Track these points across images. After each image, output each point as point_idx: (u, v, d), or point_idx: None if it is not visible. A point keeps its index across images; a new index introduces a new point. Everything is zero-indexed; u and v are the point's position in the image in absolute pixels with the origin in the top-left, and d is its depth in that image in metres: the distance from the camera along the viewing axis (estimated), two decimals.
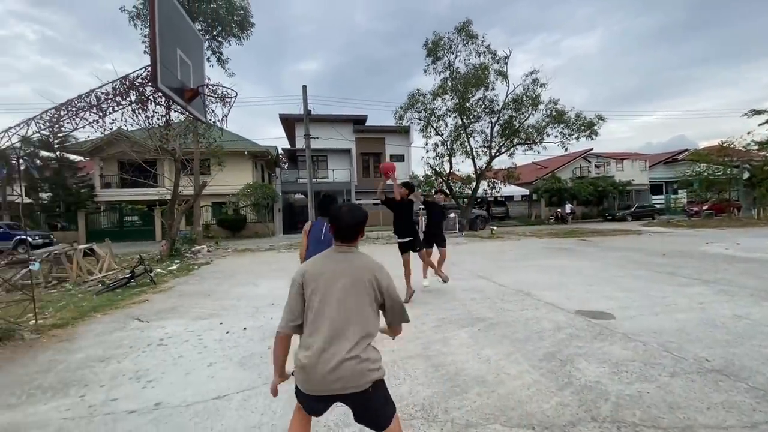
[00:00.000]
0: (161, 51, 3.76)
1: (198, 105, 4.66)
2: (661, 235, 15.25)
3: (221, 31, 14.36)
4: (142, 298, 6.36)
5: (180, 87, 4.20)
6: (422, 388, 2.76)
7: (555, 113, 18.41)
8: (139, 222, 22.19)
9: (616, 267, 7.87)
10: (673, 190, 33.16)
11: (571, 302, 5.08)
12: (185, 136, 13.12)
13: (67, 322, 4.92)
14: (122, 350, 3.84)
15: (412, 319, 4.43)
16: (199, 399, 2.74)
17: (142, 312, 5.40)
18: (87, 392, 2.92)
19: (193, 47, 4.68)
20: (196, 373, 3.20)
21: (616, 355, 3.29)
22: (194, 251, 12.84)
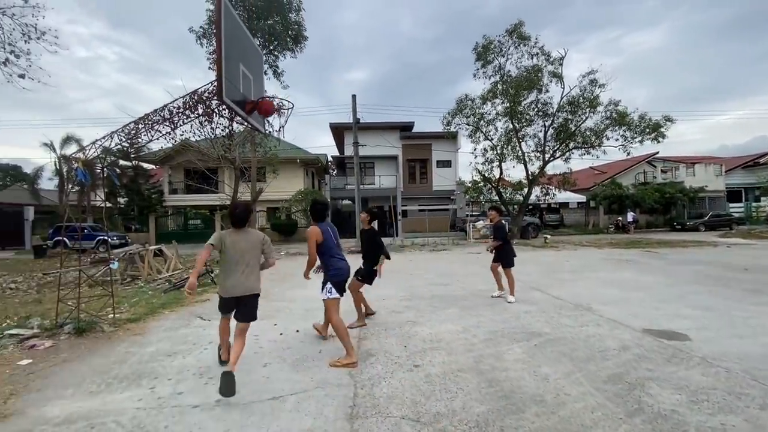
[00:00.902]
0: (226, 66, 4.02)
1: (257, 116, 4.93)
2: (741, 247, 13.66)
3: (277, 46, 15.12)
4: (204, 297, 6.79)
5: (242, 99, 4.46)
6: (476, 403, 2.66)
7: (616, 115, 17.24)
8: (201, 225, 23.84)
9: (688, 282, 7.16)
10: (754, 197, 29.58)
11: (638, 320, 4.68)
12: (243, 145, 13.93)
13: (140, 317, 5.37)
14: (187, 346, 4.11)
15: (462, 330, 4.38)
16: (256, 399, 2.85)
17: (204, 310, 5.75)
18: (157, 384, 3.15)
19: (253, 61, 4.97)
20: (253, 373, 3.34)
21: (695, 381, 2.97)
22: None
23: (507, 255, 6.20)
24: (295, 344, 4.07)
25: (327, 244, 3.78)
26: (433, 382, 3.03)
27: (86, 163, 4.60)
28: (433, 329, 4.48)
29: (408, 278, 8.40)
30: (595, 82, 17.36)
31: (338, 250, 3.89)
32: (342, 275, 3.75)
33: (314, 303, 5.75)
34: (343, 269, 3.77)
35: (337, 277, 3.71)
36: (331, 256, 3.77)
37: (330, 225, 4.00)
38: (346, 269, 3.81)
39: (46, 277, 9.73)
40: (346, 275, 3.80)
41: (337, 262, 3.76)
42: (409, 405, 2.66)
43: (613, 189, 25.64)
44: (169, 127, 4.75)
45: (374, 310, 5.24)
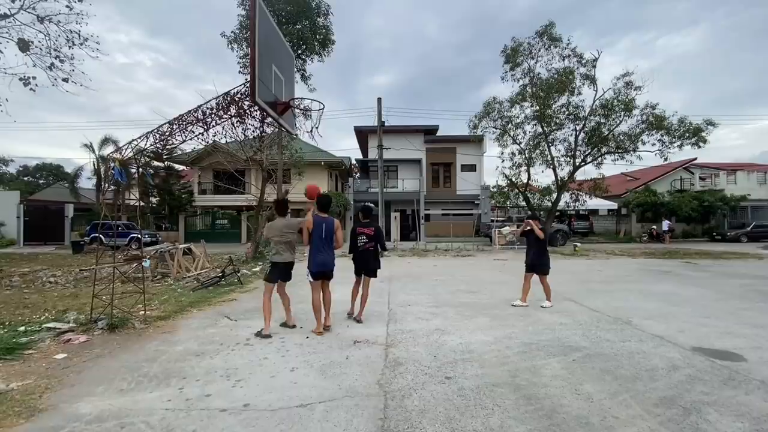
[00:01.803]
0: (259, 68, 4.02)
1: (289, 118, 4.93)
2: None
3: (305, 50, 15.29)
4: (231, 296, 6.85)
5: (273, 101, 4.47)
6: (514, 422, 2.49)
7: (653, 119, 16.48)
8: (228, 225, 24.42)
9: (736, 297, 6.68)
10: None
11: (685, 336, 4.36)
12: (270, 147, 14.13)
13: (169, 315, 5.44)
14: (214, 347, 4.11)
15: (494, 341, 4.19)
16: (284, 405, 2.78)
17: (231, 310, 5.79)
18: (185, 385, 3.14)
19: (285, 63, 4.98)
20: (280, 377, 3.28)
21: (756, 408, 2.69)
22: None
23: (546, 263, 6.17)
24: (321, 348, 3.99)
25: (314, 236, 4.42)
26: (467, 396, 2.87)
27: (122, 163, 4.71)
28: (463, 339, 4.31)
29: (434, 284, 8.22)
30: (630, 84, 16.67)
31: (324, 244, 4.47)
32: (317, 268, 4.43)
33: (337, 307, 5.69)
34: (320, 263, 4.44)
35: (314, 268, 4.44)
36: (314, 248, 4.44)
37: (328, 220, 4.53)
38: (323, 262, 4.46)
39: (83, 272, 10.13)
40: (321, 267, 4.45)
41: (316, 256, 4.45)
42: (443, 421, 2.52)
43: (647, 196, 24.51)
44: (203, 128, 4.81)
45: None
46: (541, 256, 6.16)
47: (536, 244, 6.21)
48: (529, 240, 6.35)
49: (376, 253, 5.24)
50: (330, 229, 4.55)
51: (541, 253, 6.18)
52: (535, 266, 6.13)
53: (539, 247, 6.20)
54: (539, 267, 6.11)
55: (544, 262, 6.15)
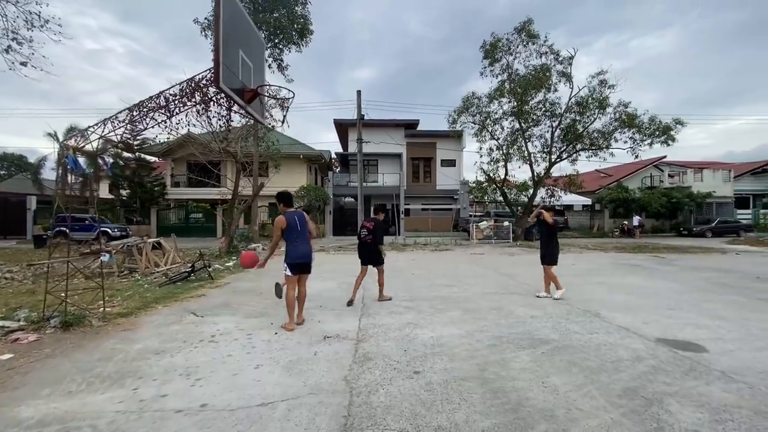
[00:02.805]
0: (224, 52, 3.82)
1: (257, 106, 4.73)
2: (750, 255, 13.36)
3: (282, 39, 14.91)
4: (200, 292, 6.62)
5: (240, 88, 4.27)
6: (480, 417, 2.46)
7: (625, 117, 16.95)
8: (203, 219, 23.73)
9: (700, 290, 6.92)
10: (762, 204, 29.17)
11: (650, 328, 4.46)
12: (246, 139, 13.75)
13: (131, 311, 5.19)
14: (176, 344, 3.92)
15: (466, 335, 4.16)
16: (244, 404, 2.66)
17: (199, 306, 5.58)
18: (140, 385, 2.97)
19: (254, 49, 4.77)
20: (243, 375, 3.15)
21: (716, 398, 2.75)
22: (250, 249, 13.37)
23: (556, 253, 6.32)
24: (290, 345, 3.87)
25: (289, 230, 4.39)
26: (434, 391, 2.82)
27: (78, 151, 4.42)
28: (435, 332, 4.28)
29: (410, 278, 8.19)
30: (604, 82, 17.09)
31: (300, 235, 4.45)
32: (297, 259, 4.41)
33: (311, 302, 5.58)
34: (300, 254, 4.43)
35: (293, 260, 4.39)
36: (291, 242, 4.41)
37: (298, 213, 4.56)
38: (304, 254, 4.46)
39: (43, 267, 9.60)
40: (301, 259, 4.44)
41: (296, 248, 4.42)
42: (408, 417, 2.45)
43: (619, 192, 25.28)
44: (165, 116, 4.56)
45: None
46: (548, 246, 6.28)
47: (546, 234, 6.37)
48: (541, 231, 6.53)
49: (376, 245, 5.66)
50: (302, 219, 4.51)
51: (548, 243, 6.31)
52: (543, 257, 6.29)
53: (548, 237, 6.34)
54: (547, 257, 6.26)
55: (552, 251, 6.24)
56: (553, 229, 6.35)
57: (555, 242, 6.34)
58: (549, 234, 6.33)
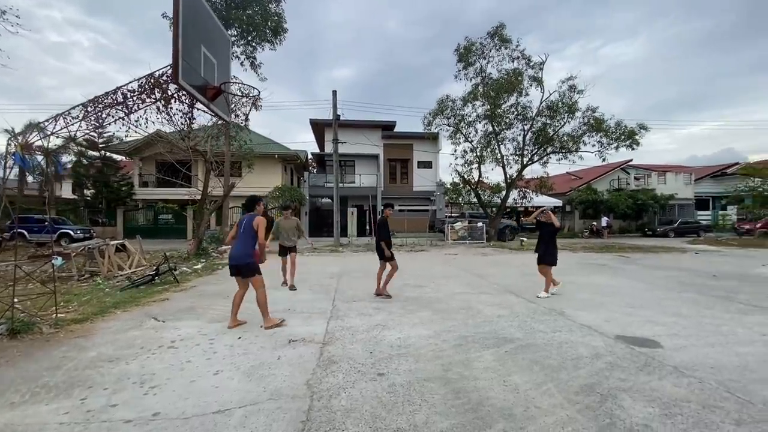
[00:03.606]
0: (184, 47, 3.69)
1: (222, 104, 4.60)
2: (709, 254, 14.09)
3: (255, 37, 14.64)
4: (164, 296, 6.38)
5: (203, 85, 4.14)
6: (440, 418, 2.46)
7: (593, 121, 17.57)
8: (172, 220, 22.96)
9: (660, 288, 7.22)
10: (721, 206, 30.87)
11: (611, 326, 4.60)
12: (217, 138, 13.39)
13: (87, 317, 4.94)
14: (133, 351, 3.75)
15: (433, 335, 4.18)
16: (199, 412, 2.56)
17: (161, 311, 5.37)
18: (89, 395, 2.81)
19: (218, 45, 4.63)
20: (201, 382, 3.04)
21: (667, 392, 2.85)
22: (220, 251, 13.01)
23: (554, 254, 6.46)
24: (253, 349, 3.77)
25: (238, 226, 4.52)
26: (396, 392, 2.80)
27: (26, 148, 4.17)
28: (403, 333, 4.27)
29: None
30: (574, 88, 17.65)
31: (239, 239, 4.46)
32: (230, 260, 4.50)
33: (278, 305, 5.50)
34: (230, 255, 4.55)
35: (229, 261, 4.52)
36: (239, 234, 4.49)
37: (247, 216, 4.55)
38: (231, 255, 4.52)
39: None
40: (230, 260, 4.51)
41: (232, 249, 4.54)
42: (368, 419, 2.43)
43: (588, 194, 26.19)
44: (123, 112, 4.37)
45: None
46: (548, 247, 6.42)
47: (547, 235, 6.51)
48: (541, 232, 6.66)
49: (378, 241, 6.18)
50: (247, 224, 4.48)
51: (548, 244, 6.44)
52: (542, 257, 6.42)
53: (549, 238, 6.48)
54: (546, 257, 6.40)
55: (551, 252, 6.40)
56: (556, 230, 6.53)
57: (554, 243, 6.50)
58: (551, 234, 6.49)
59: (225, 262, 11.05)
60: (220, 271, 9.49)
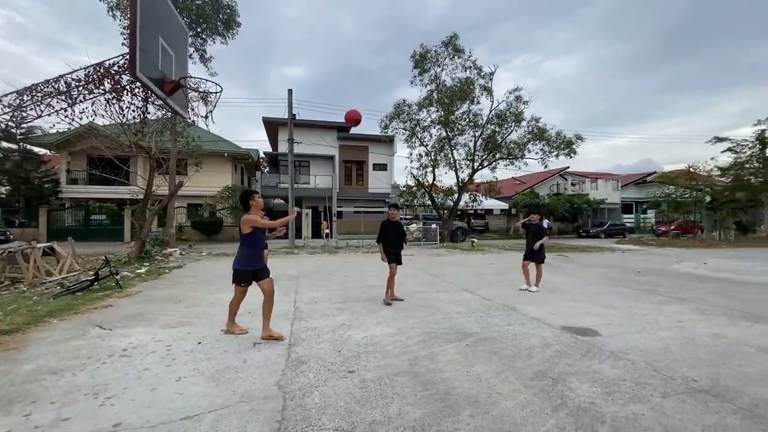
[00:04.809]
0: (142, 37, 3.50)
1: (179, 99, 4.39)
2: (633, 253, 15.70)
3: (206, 29, 13.99)
4: (106, 302, 5.91)
5: (160, 78, 3.93)
6: (412, 408, 2.58)
7: (536, 130, 18.86)
8: (107, 221, 21.10)
9: (595, 283, 7.96)
10: (642, 210, 34.51)
11: (557, 318, 5.03)
12: (162, 133, 12.58)
13: (18, 327, 4.46)
14: (79, 361, 3.47)
15: (397, 332, 4.31)
16: (165, 419, 2.46)
17: (105, 318, 4.98)
18: (34, 410, 2.58)
19: (176, 38, 4.43)
20: (163, 389, 2.90)
21: (607, 374, 3.21)
22: (166, 254, 12.23)
23: (542, 251, 7.07)
24: (215, 354, 3.65)
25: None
26: (368, 388, 2.89)
27: None
28: (368, 332, 4.36)
29: (343, 280, 8.21)
30: (520, 98, 18.84)
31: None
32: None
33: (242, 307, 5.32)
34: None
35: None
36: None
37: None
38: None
39: None
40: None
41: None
42: (344, 414, 2.49)
43: (531, 198, 28.03)
44: (66, 103, 4.03)
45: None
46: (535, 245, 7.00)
47: (535, 236, 7.10)
48: (528, 232, 7.27)
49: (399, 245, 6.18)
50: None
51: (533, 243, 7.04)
52: (530, 255, 7.06)
53: (536, 238, 7.06)
54: (534, 256, 7.02)
55: (539, 251, 7.02)
56: (542, 233, 7.19)
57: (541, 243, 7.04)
58: (538, 236, 7.09)
59: (171, 265, 10.43)
60: (167, 274, 8.95)
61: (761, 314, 5.28)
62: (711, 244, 20.14)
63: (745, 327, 4.66)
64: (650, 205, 31.25)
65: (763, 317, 5.12)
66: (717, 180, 25.28)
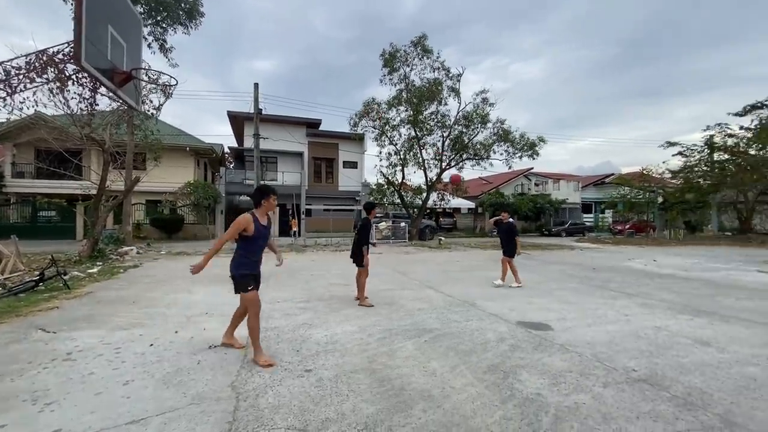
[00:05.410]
0: (89, 25, 3.32)
1: (131, 91, 4.19)
2: (591, 250, 16.52)
3: (166, 17, 13.38)
4: (51, 304, 5.57)
5: (109, 69, 3.74)
6: (366, 405, 2.62)
7: (501, 132, 19.42)
8: (57, 218, 19.79)
9: (553, 280, 8.32)
10: (600, 210, 36.38)
11: (514, 313, 5.23)
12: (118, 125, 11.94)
13: None
14: (18, 366, 3.27)
15: (358, 330, 4.34)
16: (109, 424, 2.36)
17: (49, 321, 4.70)
18: None
19: (129, 27, 4.22)
20: (108, 393, 2.79)
21: (555, 366, 3.38)
22: (121, 253, 11.64)
23: (514, 248, 7.48)
24: (168, 356, 3.54)
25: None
26: (324, 386, 2.90)
27: None
28: (329, 331, 4.36)
29: (308, 279, 8.14)
30: (486, 100, 19.32)
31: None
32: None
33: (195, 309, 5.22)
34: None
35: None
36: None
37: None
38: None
39: None
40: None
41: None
42: (297, 413, 2.49)
43: (497, 197, 28.88)
44: (5, 91, 3.76)
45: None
46: (508, 243, 7.46)
47: (503, 234, 7.55)
48: (500, 230, 7.68)
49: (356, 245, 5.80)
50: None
51: (508, 241, 7.47)
52: (505, 251, 7.46)
53: (504, 237, 7.53)
54: (507, 251, 7.43)
55: (511, 247, 7.43)
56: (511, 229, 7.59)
57: (511, 240, 7.46)
58: (506, 233, 7.52)
59: (126, 265, 9.95)
60: (122, 274, 8.53)
61: (701, 308, 5.71)
62: (662, 243, 21.53)
63: (686, 320, 5.01)
64: (608, 205, 33.00)
65: (703, 311, 5.53)
66: (669, 182, 27.04)
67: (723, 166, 23.64)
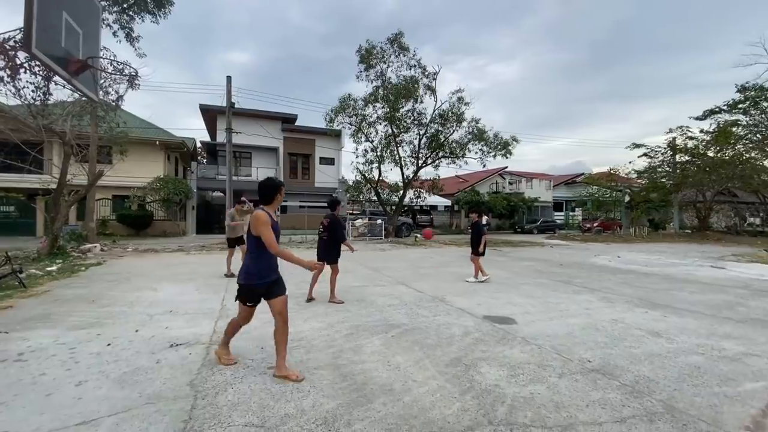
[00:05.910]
0: (40, 10, 3.16)
1: (88, 80, 4.02)
2: (560, 247, 17.07)
3: (133, 5, 12.84)
4: (5, 303, 5.29)
5: (64, 57, 3.57)
6: (327, 400, 2.63)
7: (476, 131, 19.70)
8: (15, 213, 18.76)
9: (521, 275, 8.56)
10: (571, 208, 37.64)
11: (480, 308, 5.36)
12: (80, 117, 11.39)
13: None
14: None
15: (326, 327, 4.35)
16: (59, 426, 2.29)
17: (1, 320, 4.47)
18: None
19: (86, 13, 4.03)
20: (59, 394, 2.69)
21: (515, 358, 3.50)
22: (83, 250, 11.15)
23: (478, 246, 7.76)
24: (126, 355, 3.44)
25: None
26: (285, 383, 2.90)
27: None
28: (296, 328, 4.32)
29: None
30: (462, 99, 19.54)
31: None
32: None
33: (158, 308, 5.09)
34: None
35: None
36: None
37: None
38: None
39: None
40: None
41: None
42: (256, 410, 2.48)
43: (472, 195, 29.37)
44: None
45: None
46: (474, 242, 7.83)
47: (473, 234, 7.96)
48: (472, 230, 8.08)
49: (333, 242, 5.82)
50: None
51: (474, 239, 7.86)
52: (473, 250, 7.84)
53: (474, 233, 7.92)
54: (473, 249, 7.84)
55: (475, 246, 7.80)
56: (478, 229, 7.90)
57: (477, 239, 7.78)
58: (475, 233, 7.88)
59: (89, 263, 9.55)
60: (83, 272, 8.18)
61: (657, 302, 6.01)
62: (627, 240, 22.48)
63: (641, 313, 5.27)
64: (578, 204, 34.16)
65: (658, 304, 5.82)
66: (634, 182, 28.21)
67: (684, 167, 24.88)
